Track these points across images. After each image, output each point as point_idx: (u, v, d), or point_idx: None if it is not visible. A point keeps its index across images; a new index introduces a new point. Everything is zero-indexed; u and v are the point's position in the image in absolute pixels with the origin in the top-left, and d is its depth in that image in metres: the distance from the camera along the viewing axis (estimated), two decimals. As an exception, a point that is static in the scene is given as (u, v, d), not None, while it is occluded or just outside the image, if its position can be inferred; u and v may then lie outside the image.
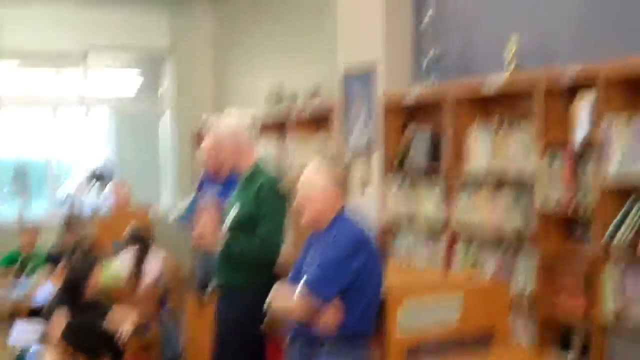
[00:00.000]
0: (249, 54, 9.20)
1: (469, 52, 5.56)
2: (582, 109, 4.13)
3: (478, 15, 5.50)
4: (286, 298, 3.34)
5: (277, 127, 8.02)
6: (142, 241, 6.19)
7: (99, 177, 8.93)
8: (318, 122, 7.40)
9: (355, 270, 3.20)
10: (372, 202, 6.03)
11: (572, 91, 4.27)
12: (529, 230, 4.57)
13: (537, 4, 4.99)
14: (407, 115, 5.95)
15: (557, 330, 4.42)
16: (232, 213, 4.23)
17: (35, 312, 5.78)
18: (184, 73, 10.27)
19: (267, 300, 3.45)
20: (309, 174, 3.40)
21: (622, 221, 3.90)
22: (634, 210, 3.87)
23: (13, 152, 10.08)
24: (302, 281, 3.27)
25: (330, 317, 3.21)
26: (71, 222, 7.45)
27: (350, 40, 6.50)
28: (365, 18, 6.25)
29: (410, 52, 6.08)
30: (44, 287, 6.19)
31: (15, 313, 5.88)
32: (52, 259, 6.89)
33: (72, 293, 4.83)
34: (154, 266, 6.11)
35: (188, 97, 10.25)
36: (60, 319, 4.57)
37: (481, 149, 4.93)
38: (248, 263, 4.13)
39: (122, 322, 4.81)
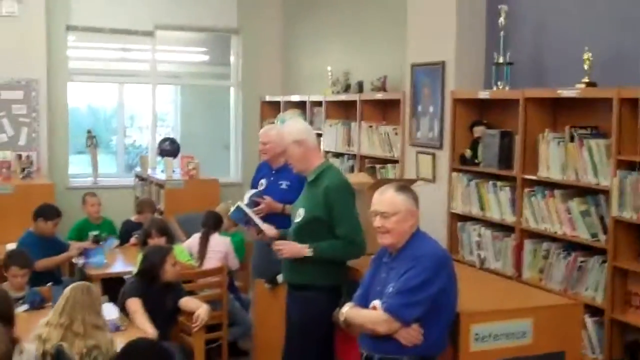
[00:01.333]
0: (317, 36, 9.29)
1: (541, 61, 5.60)
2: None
3: (552, 25, 5.54)
4: (364, 314, 3.39)
5: (342, 113, 8.14)
6: (208, 223, 6.36)
7: (167, 152, 9.12)
8: (384, 112, 7.50)
9: (435, 293, 3.22)
10: (438, 198, 6.13)
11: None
12: (601, 240, 4.63)
13: (612, 18, 5.01)
14: (477, 114, 6.02)
15: (627, 343, 4.50)
16: (297, 218, 4.37)
17: (105, 282, 6.10)
18: (251, 51, 10.38)
19: (342, 315, 3.52)
20: (387, 195, 3.43)
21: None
22: None
23: (84, 122, 10.41)
24: (380, 302, 3.31)
25: (407, 338, 3.26)
26: (142, 202, 7.71)
27: (421, 35, 6.56)
28: (437, 14, 6.31)
29: (482, 54, 6.13)
30: (115, 261, 6.49)
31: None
32: (124, 233, 7.16)
33: (147, 281, 5.04)
34: (220, 247, 6.28)
35: (255, 73, 10.39)
36: (136, 306, 4.81)
37: (553, 156, 4.98)
38: (335, 264, 4.27)
39: (198, 306, 5.02)
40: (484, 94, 5.73)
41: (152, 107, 10.32)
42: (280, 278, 4.76)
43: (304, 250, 4.24)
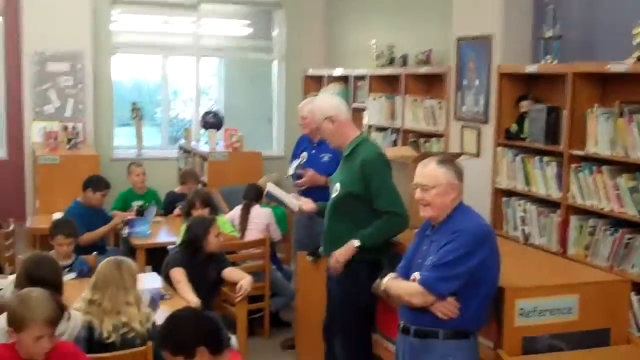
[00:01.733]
0: (361, 9, 9.22)
1: (590, 34, 5.48)
2: None
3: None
4: (402, 286, 3.38)
5: (386, 87, 8.09)
6: (249, 195, 6.38)
7: (211, 124, 9.16)
8: (429, 85, 7.43)
9: (473, 267, 3.18)
10: (482, 173, 6.08)
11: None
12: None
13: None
14: (523, 88, 5.93)
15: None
16: (334, 193, 4.35)
17: (149, 252, 6.17)
18: (294, 24, 10.36)
19: (382, 285, 3.51)
20: (429, 168, 3.39)
21: None
22: None
23: (128, 95, 10.50)
24: (418, 275, 3.30)
25: (443, 311, 3.25)
26: (185, 173, 7.77)
27: (467, 8, 6.47)
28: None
29: (529, 28, 6.02)
30: (159, 231, 6.57)
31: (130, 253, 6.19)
32: (167, 204, 7.23)
33: (190, 251, 5.08)
34: (261, 218, 6.31)
35: (298, 47, 10.37)
36: (180, 276, 4.86)
37: (602, 132, 4.88)
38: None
39: (241, 277, 5.06)
40: (531, 69, 5.64)
41: (196, 80, 10.37)
42: (322, 250, 4.77)
43: (352, 244, 4.21)
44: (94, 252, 5.49)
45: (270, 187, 4.95)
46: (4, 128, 9.70)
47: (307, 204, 4.77)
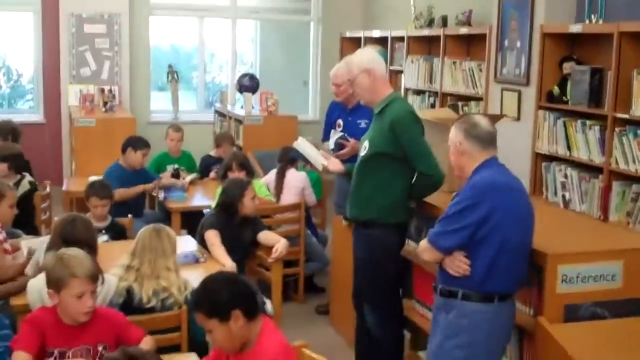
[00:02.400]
0: (400, -31, 9.05)
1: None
2: None
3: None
4: (420, 244, 3.39)
5: (425, 48, 7.93)
6: (284, 158, 6.32)
7: (247, 87, 9.10)
8: (468, 47, 7.27)
9: (476, 222, 3.10)
10: (522, 137, 5.94)
11: None
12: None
13: None
14: (567, 49, 5.76)
15: None
16: (362, 151, 4.24)
17: (185, 215, 6.16)
18: (332, -15, 10.24)
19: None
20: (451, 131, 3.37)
21: None
22: None
23: (164, 60, 10.47)
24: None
25: (452, 267, 3.21)
26: (221, 136, 7.72)
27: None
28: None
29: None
30: (195, 195, 6.55)
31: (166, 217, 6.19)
32: (203, 168, 7.21)
33: (226, 214, 5.02)
34: (296, 182, 6.24)
35: (335, 8, 10.23)
36: (214, 238, 4.82)
37: (648, 94, 4.73)
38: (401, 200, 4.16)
39: (276, 240, 5.02)
40: (575, 28, 5.46)
41: (232, 43, 10.30)
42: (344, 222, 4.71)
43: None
44: (130, 215, 5.47)
45: (300, 142, 4.84)
46: (41, 91, 9.71)
47: (335, 165, 4.69)
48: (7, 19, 9.97)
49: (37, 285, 3.53)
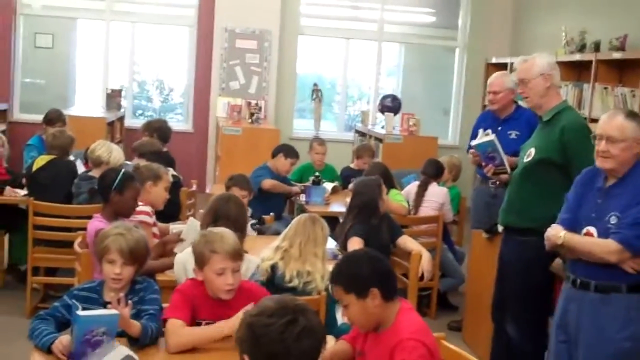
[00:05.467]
0: (552, -5, 8.92)
1: None
2: None
3: None
4: (596, 242, 3.30)
5: (574, 74, 7.76)
6: (428, 171, 6.29)
7: (389, 108, 9.17)
8: (621, 73, 7.05)
9: None
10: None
11: None
12: None
13: None
14: None
15: None
16: (527, 158, 4.16)
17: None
18: (480, 11, 10.19)
19: (560, 238, 3.41)
20: (617, 120, 3.30)
21: None
22: None
23: (310, 74, 10.72)
24: (593, 229, 3.29)
25: (635, 267, 3.21)
26: (362, 147, 7.80)
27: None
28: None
29: None
30: (334, 202, 6.63)
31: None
32: (343, 179, 7.29)
33: (365, 214, 4.96)
34: (437, 197, 6.19)
35: (482, 35, 10.20)
36: (358, 245, 4.82)
37: None
38: None
39: (416, 247, 4.96)
40: None
41: (377, 64, 10.41)
42: (500, 227, 4.59)
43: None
44: (271, 213, 5.61)
45: (494, 137, 4.74)
46: (192, 103, 10.14)
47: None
48: (163, 34, 10.49)
49: (182, 259, 3.66)
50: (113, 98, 9.46)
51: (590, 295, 3.34)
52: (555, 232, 3.45)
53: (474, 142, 4.93)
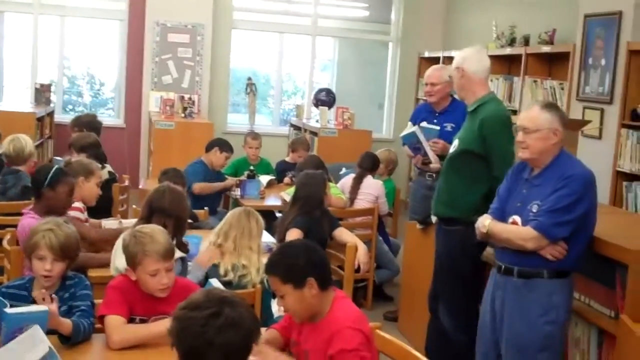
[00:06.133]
0: (482, -9, 9.06)
1: None
2: None
3: None
4: (512, 230, 3.37)
5: (504, 68, 7.89)
6: (364, 164, 6.31)
7: (323, 102, 9.18)
8: (550, 66, 7.20)
9: (584, 212, 3.25)
10: (603, 155, 5.83)
11: None
12: None
13: None
14: (654, 67, 5.67)
15: None
16: (452, 148, 4.24)
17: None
18: (412, 6, 10.28)
19: (484, 227, 3.46)
20: (533, 111, 3.37)
21: None
22: None
23: (244, 68, 10.66)
24: (518, 218, 3.36)
25: (553, 254, 3.28)
26: (296, 141, 7.79)
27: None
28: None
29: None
30: (269, 196, 6.60)
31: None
32: (278, 173, 7.27)
33: (307, 208, 4.95)
34: (372, 189, 6.22)
35: (414, 30, 10.28)
36: (296, 233, 4.82)
37: None
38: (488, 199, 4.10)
39: (351, 239, 4.96)
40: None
41: (311, 59, 10.41)
42: (433, 218, 4.65)
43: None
44: (205, 208, 5.55)
45: (416, 129, 4.76)
46: (123, 97, 9.97)
47: (437, 164, 4.66)
48: (93, 27, 10.28)
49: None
50: (42, 93, 9.23)
51: (514, 280, 3.42)
52: (482, 221, 3.52)
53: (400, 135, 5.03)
